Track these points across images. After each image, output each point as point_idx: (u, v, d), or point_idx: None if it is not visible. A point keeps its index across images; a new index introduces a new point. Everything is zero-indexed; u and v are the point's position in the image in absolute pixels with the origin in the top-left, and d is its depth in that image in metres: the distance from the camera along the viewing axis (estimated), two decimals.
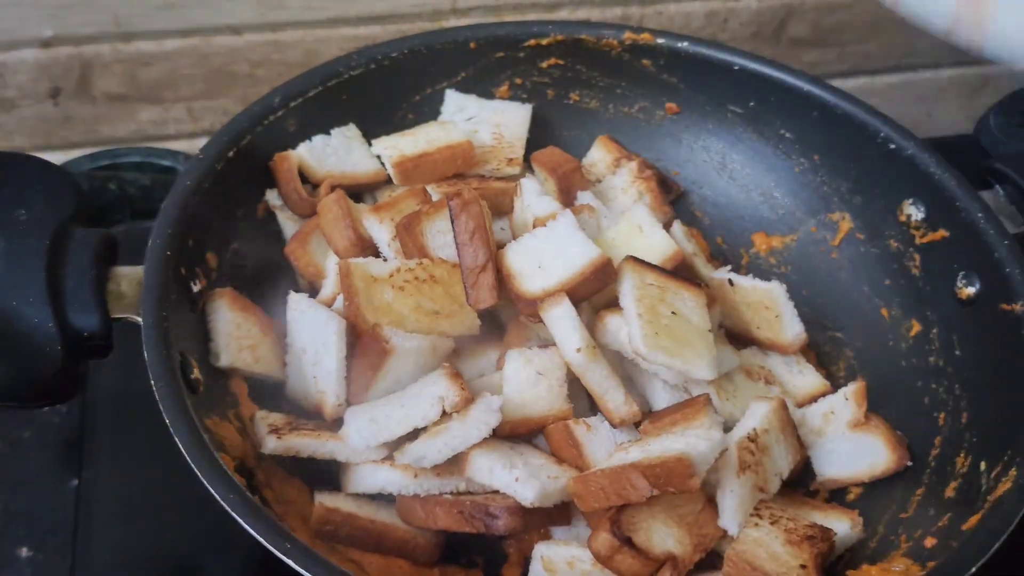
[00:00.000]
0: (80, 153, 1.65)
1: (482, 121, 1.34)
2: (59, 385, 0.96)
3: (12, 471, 1.26)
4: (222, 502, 0.86)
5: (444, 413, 1.01)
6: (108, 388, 1.29)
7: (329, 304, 1.15)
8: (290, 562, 0.82)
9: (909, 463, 1.13)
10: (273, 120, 1.23)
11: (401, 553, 1.03)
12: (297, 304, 1.12)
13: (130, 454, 1.23)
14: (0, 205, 0.99)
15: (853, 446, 1.14)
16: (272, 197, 1.24)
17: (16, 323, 0.93)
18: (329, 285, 1.17)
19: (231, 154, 1.17)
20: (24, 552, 1.19)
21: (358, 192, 1.29)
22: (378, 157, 1.29)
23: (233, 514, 0.85)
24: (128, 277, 1.02)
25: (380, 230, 1.17)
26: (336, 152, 1.27)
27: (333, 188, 1.23)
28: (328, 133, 1.28)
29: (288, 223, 1.25)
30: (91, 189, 1.54)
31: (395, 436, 1.01)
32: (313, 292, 1.20)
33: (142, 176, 1.63)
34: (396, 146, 1.26)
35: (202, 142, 1.74)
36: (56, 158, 1.67)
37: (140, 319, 0.97)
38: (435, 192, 1.23)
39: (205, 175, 1.13)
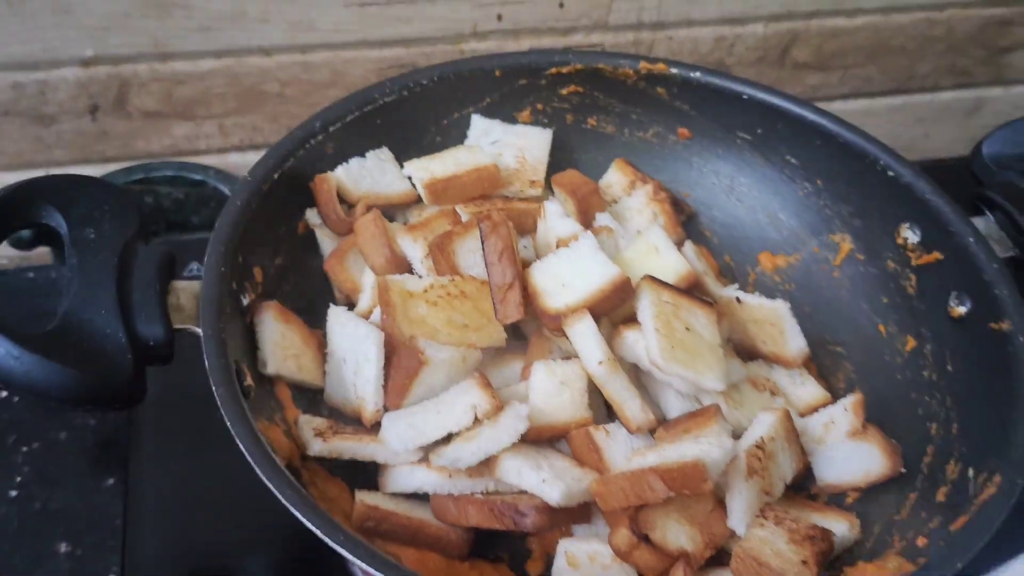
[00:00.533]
0: (115, 167, 1.72)
1: (506, 145, 1.41)
2: (130, 390, 1.03)
3: (50, 471, 1.32)
4: (281, 498, 0.93)
5: (476, 419, 1.09)
6: (152, 393, 1.36)
7: (366, 317, 1.22)
8: (344, 552, 0.90)
9: (903, 470, 1.20)
10: (314, 144, 1.29)
11: (434, 547, 1.10)
12: (338, 316, 1.20)
13: (173, 456, 1.31)
14: (72, 224, 1.06)
15: (851, 453, 1.21)
16: (311, 216, 1.32)
17: (91, 334, 1.01)
18: (365, 299, 1.25)
19: (276, 175, 1.24)
20: (63, 548, 1.26)
21: (389, 212, 1.36)
22: (409, 178, 1.36)
23: (291, 509, 0.93)
24: (186, 290, 1.10)
25: (414, 248, 1.25)
26: (371, 174, 1.34)
27: (368, 208, 1.30)
28: (363, 156, 1.35)
29: (326, 240, 1.32)
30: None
31: (431, 440, 1.09)
32: (349, 305, 1.28)
33: (175, 190, 1.69)
34: (427, 168, 1.34)
35: (232, 157, 1.85)
36: (92, 172, 1.74)
37: (199, 330, 1.05)
38: (464, 212, 1.31)
39: (253, 195, 1.20)
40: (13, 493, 1.29)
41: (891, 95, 2.14)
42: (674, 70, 1.42)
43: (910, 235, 1.31)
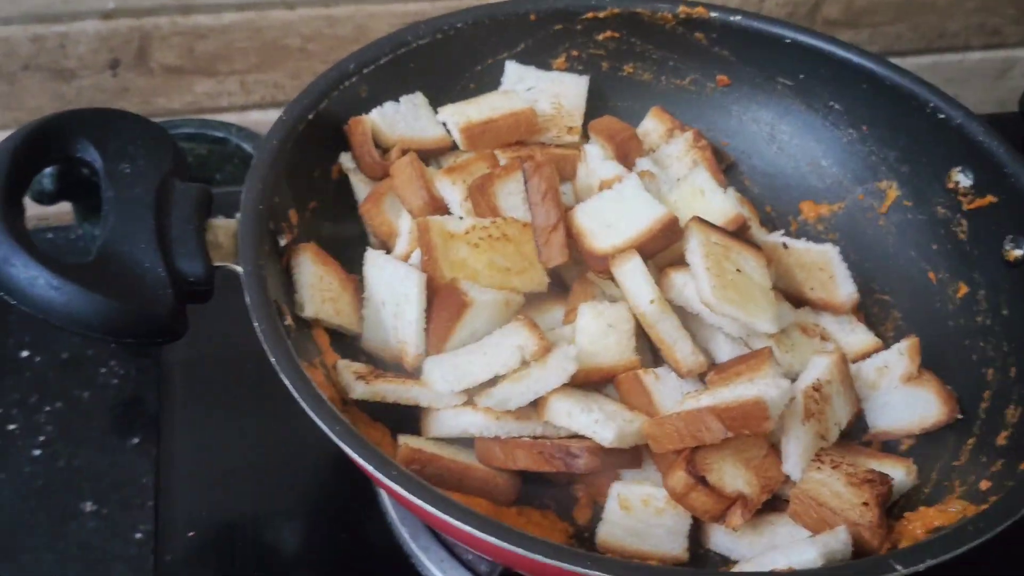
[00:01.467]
0: None
1: (541, 91, 1.38)
2: (172, 324, 1.00)
3: (74, 430, 1.31)
4: (329, 433, 0.90)
5: (523, 361, 1.06)
6: (181, 354, 1.34)
7: (404, 260, 1.19)
8: (397, 487, 0.87)
9: (959, 416, 1.17)
10: (348, 85, 1.27)
11: (482, 492, 1.07)
12: (375, 259, 1.17)
13: (203, 419, 1.28)
14: (107, 158, 1.03)
15: (906, 399, 1.18)
16: (346, 160, 1.29)
17: (129, 266, 0.98)
18: (402, 243, 1.22)
19: (311, 116, 1.21)
20: (88, 506, 1.25)
21: (424, 158, 1.32)
22: (443, 124, 1.33)
23: (339, 443, 0.90)
24: (224, 228, 1.07)
25: (452, 191, 1.22)
26: (405, 118, 1.32)
27: (404, 152, 1.27)
28: (397, 100, 1.32)
29: (360, 185, 1.29)
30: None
31: (478, 382, 1.06)
32: (385, 250, 1.24)
33: (198, 146, 1.66)
34: (463, 112, 1.31)
35: (253, 115, 1.82)
36: None
37: (239, 267, 1.02)
38: (502, 157, 1.28)
39: (288, 135, 1.17)
40: (37, 452, 1.28)
41: (921, 54, 2.11)
42: (714, 14, 1.39)
43: (962, 179, 1.28)
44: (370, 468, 0.88)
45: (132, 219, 1.00)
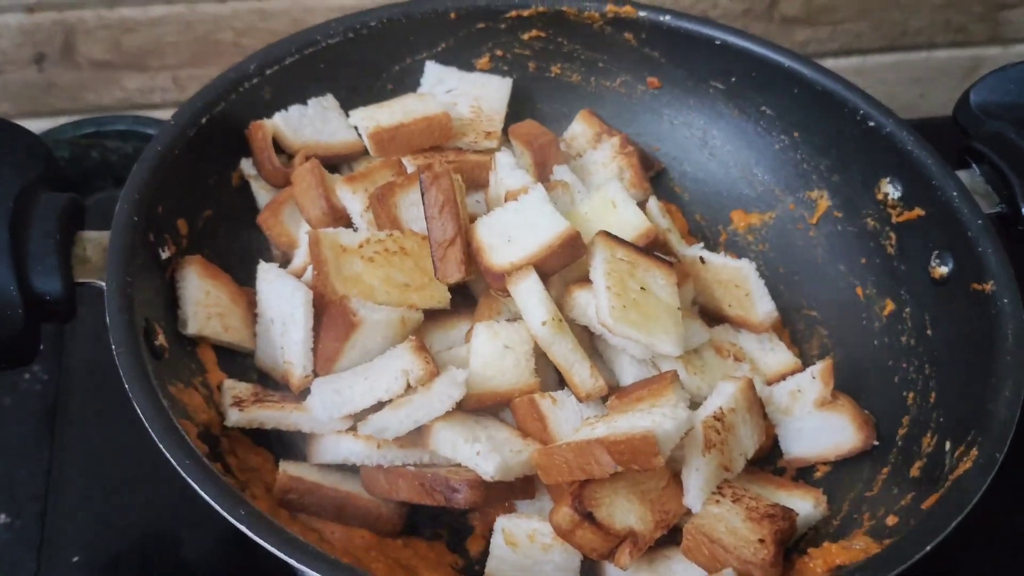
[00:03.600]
0: (66, 120, 1.63)
1: (461, 94, 1.32)
2: (18, 348, 0.95)
3: None
4: (177, 466, 0.85)
5: (408, 386, 1.01)
6: (84, 356, 1.29)
7: (300, 274, 1.14)
8: (244, 528, 0.82)
9: (875, 443, 1.13)
10: (248, 87, 1.22)
11: (364, 523, 1.03)
12: (266, 273, 1.11)
13: (105, 422, 1.23)
14: None
15: (820, 425, 1.14)
16: (247, 166, 1.24)
17: None
18: (301, 255, 1.17)
19: (204, 120, 1.16)
20: (1, 518, 1.19)
21: (334, 163, 1.28)
22: (355, 128, 1.27)
23: (187, 478, 0.85)
24: (94, 242, 1.02)
25: (353, 200, 1.16)
26: (312, 122, 1.26)
27: (308, 158, 1.22)
28: (305, 103, 1.27)
29: (262, 192, 1.24)
30: (73, 157, 1.53)
31: (359, 408, 1.01)
32: (286, 262, 1.19)
33: (125, 145, 1.62)
34: (373, 117, 1.25)
35: None
36: (41, 125, 1.66)
37: (103, 284, 0.97)
38: (410, 164, 1.22)
39: (175, 141, 1.12)
40: None
41: (884, 52, 2.05)
42: (642, 14, 1.34)
43: (891, 190, 1.23)
44: (216, 507, 0.82)
45: None
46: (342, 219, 1.17)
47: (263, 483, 1.03)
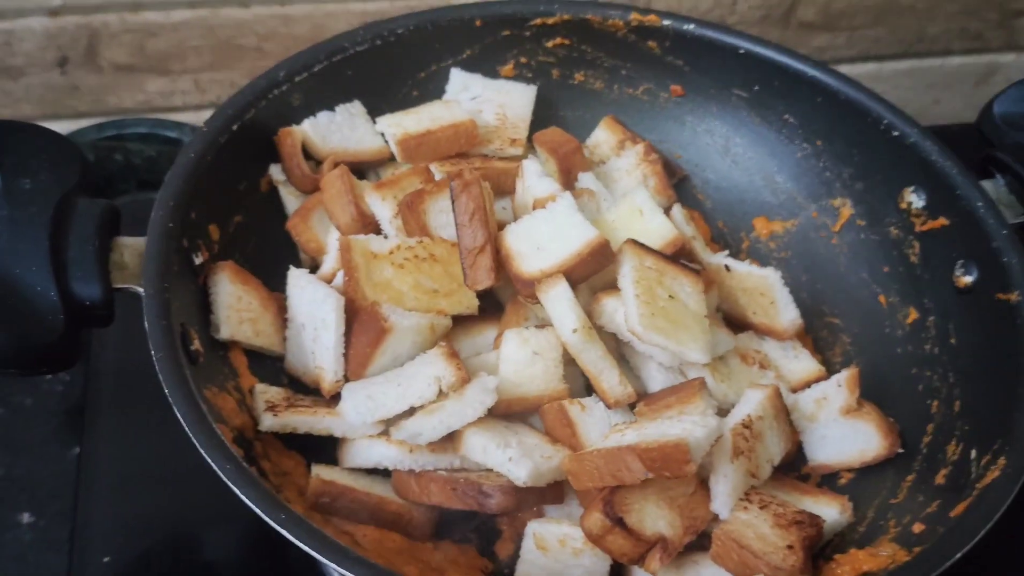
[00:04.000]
0: (87, 123, 1.64)
1: (486, 101, 1.33)
2: (60, 353, 0.96)
3: (14, 437, 1.27)
4: (218, 471, 0.86)
5: (440, 392, 1.02)
6: (112, 359, 1.30)
7: (330, 280, 1.15)
8: (284, 532, 0.83)
9: (900, 450, 1.13)
10: (278, 94, 1.22)
11: (396, 527, 1.03)
12: (297, 279, 1.12)
13: (132, 424, 1.24)
14: (4, 173, 0.99)
15: (845, 432, 1.14)
16: (276, 172, 1.24)
17: (18, 291, 0.94)
18: (330, 261, 1.18)
19: (235, 127, 1.17)
20: (26, 518, 1.20)
21: (361, 170, 1.29)
22: (382, 134, 1.28)
23: (228, 483, 0.86)
24: (130, 248, 1.02)
25: (382, 207, 1.17)
26: (340, 129, 1.27)
27: (336, 165, 1.22)
28: (333, 109, 1.28)
29: (290, 198, 1.25)
30: (96, 160, 1.53)
31: (391, 414, 1.02)
32: (315, 268, 1.20)
33: (148, 147, 1.63)
34: (400, 124, 1.26)
35: (209, 114, 1.77)
36: (63, 127, 1.67)
37: (141, 290, 0.98)
38: (438, 171, 1.23)
39: (208, 148, 1.13)
40: None
41: (900, 59, 2.06)
42: (667, 22, 1.34)
43: (914, 199, 1.24)
44: (256, 510, 0.83)
45: (25, 239, 0.96)
46: (371, 225, 1.18)
47: (296, 487, 1.04)
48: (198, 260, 1.09)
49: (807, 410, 1.16)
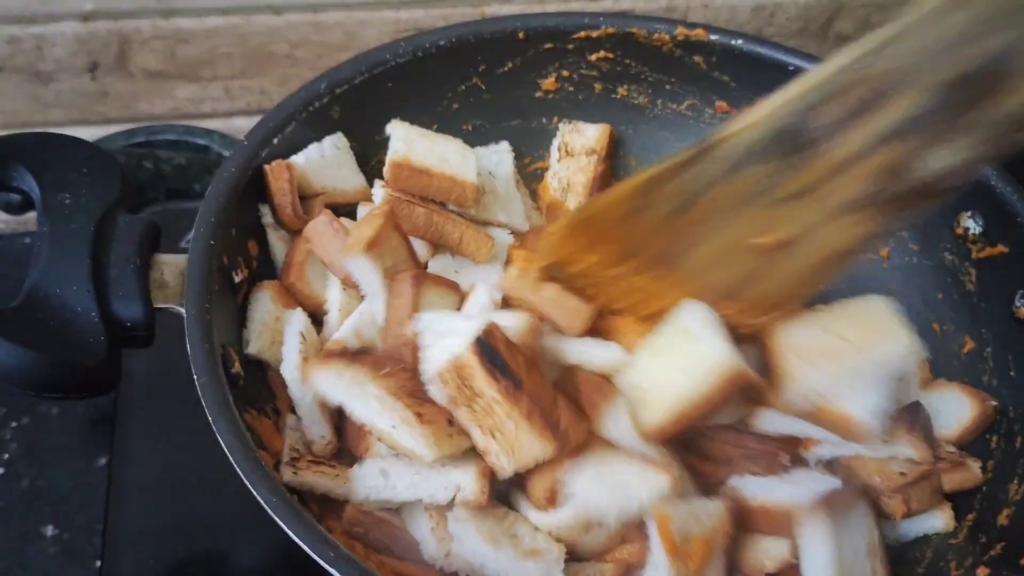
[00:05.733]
0: (116, 129, 1.64)
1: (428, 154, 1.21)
2: (101, 377, 0.93)
3: (39, 448, 1.25)
4: (264, 505, 0.84)
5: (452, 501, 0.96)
6: (140, 369, 1.27)
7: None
8: (334, 572, 0.80)
9: (994, 402, 1.12)
10: (318, 107, 1.20)
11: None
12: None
13: (160, 435, 1.22)
14: (44, 187, 0.96)
15: (932, 404, 1.13)
16: (266, 214, 1.16)
17: (59, 311, 0.91)
18: (333, 314, 1.11)
19: (275, 140, 1.15)
20: (49, 530, 1.18)
21: (339, 210, 1.19)
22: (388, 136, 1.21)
23: (275, 518, 0.83)
24: (171, 265, 1.00)
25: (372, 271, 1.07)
26: (329, 165, 1.20)
27: (324, 206, 1.16)
28: (320, 141, 1.22)
29: (279, 244, 1.16)
30: (126, 167, 1.51)
31: (399, 502, 0.98)
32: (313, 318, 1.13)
33: (178, 155, 1.62)
34: (409, 143, 1.19)
35: (238, 121, 1.76)
36: (91, 133, 1.66)
37: (183, 310, 0.95)
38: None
39: (249, 161, 1.11)
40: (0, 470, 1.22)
41: None
42: (714, 37, 1.32)
43: (971, 225, 1.20)
44: (307, 549, 0.80)
45: (66, 257, 0.93)
46: None
47: (336, 513, 1.00)
48: (237, 278, 1.07)
49: None
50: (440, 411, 0.94)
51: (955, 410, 1.13)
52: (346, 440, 1.02)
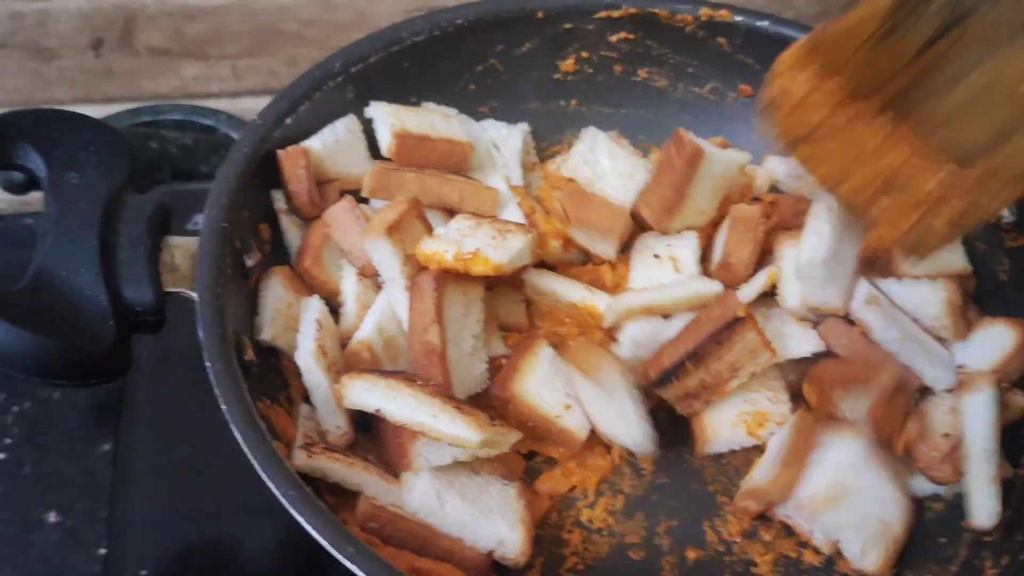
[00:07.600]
0: (120, 108, 1.62)
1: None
2: (110, 363, 0.90)
3: (41, 434, 1.23)
4: (280, 498, 0.81)
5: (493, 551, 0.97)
6: (147, 353, 1.24)
7: (353, 329, 1.07)
8: (353, 567, 0.77)
9: None
10: (332, 86, 1.17)
11: (449, 559, 0.97)
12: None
13: (166, 421, 1.19)
14: (51, 166, 0.93)
15: (978, 339, 1.14)
16: (279, 199, 1.13)
17: (66, 294, 0.88)
18: (350, 304, 1.09)
19: (288, 120, 1.12)
20: (52, 517, 1.17)
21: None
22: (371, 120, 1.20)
23: (292, 511, 0.80)
24: (181, 248, 0.97)
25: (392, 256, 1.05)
26: (344, 149, 1.17)
27: (342, 193, 1.14)
28: (334, 123, 1.18)
29: (293, 229, 1.13)
30: (131, 147, 1.49)
31: (443, 532, 0.97)
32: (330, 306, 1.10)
33: (183, 135, 1.59)
34: (399, 117, 1.17)
35: (245, 101, 1.73)
36: (95, 112, 1.62)
37: (194, 295, 0.92)
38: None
39: (262, 142, 1.08)
40: (1, 456, 1.20)
41: None
42: (739, 18, 1.29)
43: (1004, 213, 1.17)
44: (324, 543, 0.77)
45: (73, 239, 0.90)
46: None
47: (351, 505, 0.97)
48: (249, 262, 1.04)
49: None
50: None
51: (998, 339, 1.13)
52: (384, 453, 1.00)
